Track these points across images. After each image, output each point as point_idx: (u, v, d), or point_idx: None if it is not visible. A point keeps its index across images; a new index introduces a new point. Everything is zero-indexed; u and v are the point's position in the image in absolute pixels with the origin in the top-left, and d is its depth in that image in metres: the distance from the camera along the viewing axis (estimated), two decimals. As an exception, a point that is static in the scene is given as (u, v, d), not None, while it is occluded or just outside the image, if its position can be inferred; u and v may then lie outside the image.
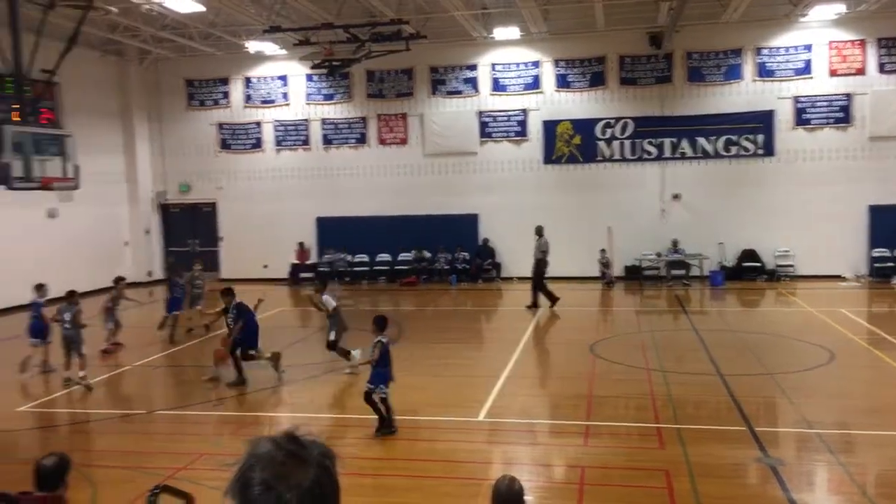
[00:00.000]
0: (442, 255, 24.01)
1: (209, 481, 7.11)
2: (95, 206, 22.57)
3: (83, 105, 22.32)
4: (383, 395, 9.22)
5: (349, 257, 24.31)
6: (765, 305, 20.16)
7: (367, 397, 9.28)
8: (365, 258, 24.51)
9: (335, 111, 24.87)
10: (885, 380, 11.73)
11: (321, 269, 24.15)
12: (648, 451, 8.80)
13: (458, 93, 24.10)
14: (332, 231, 24.62)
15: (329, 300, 12.61)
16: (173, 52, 24.29)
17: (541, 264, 18.76)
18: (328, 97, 24.86)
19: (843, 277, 21.72)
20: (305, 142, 25.03)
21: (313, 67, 21.91)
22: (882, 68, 21.63)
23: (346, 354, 12.50)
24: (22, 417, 10.80)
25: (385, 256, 24.43)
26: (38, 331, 12.99)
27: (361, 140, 24.76)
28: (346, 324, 12.85)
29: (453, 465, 8.40)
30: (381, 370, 9.30)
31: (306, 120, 24.96)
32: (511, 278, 23.50)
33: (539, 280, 18.68)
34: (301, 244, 24.78)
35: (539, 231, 19.02)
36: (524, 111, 23.75)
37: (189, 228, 26.07)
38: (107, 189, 23.48)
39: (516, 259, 23.23)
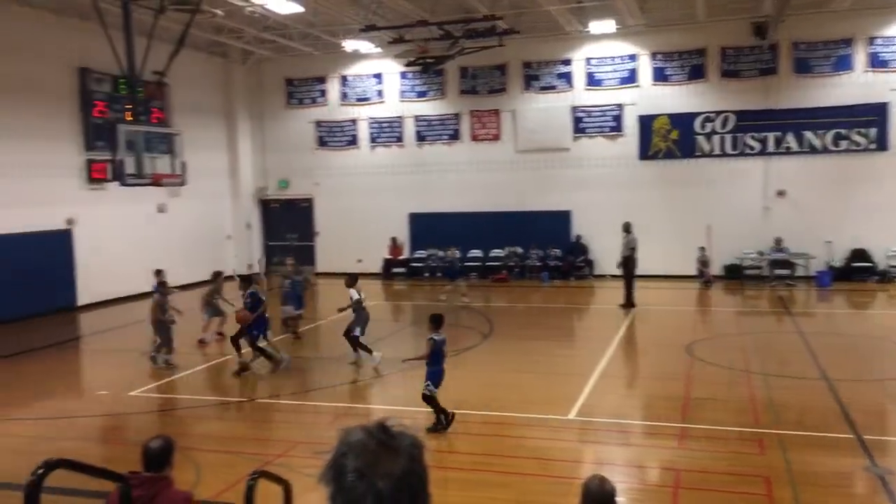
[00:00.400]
0: (534, 252, 23.87)
1: (305, 469, 7.32)
2: (200, 201, 23.58)
3: (190, 104, 23.35)
4: (428, 392, 9.24)
5: (457, 253, 24.11)
6: (876, 308, 19.10)
7: (425, 397, 9.33)
8: (456, 254, 24.57)
9: (428, 108, 25.08)
10: None
11: (413, 264, 24.46)
12: (748, 456, 8.50)
13: (551, 88, 23.87)
14: (425, 227, 24.86)
15: (353, 293, 12.82)
16: (274, 52, 25.07)
17: (629, 262, 18.36)
18: (422, 94, 25.10)
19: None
20: (399, 138, 25.36)
21: (408, 65, 22.17)
22: None
23: (365, 349, 12.81)
24: (133, 402, 11.41)
25: (476, 252, 24.48)
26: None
27: (454, 136, 24.89)
28: (369, 316, 13.14)
29: (543, 463, 8.34)
30: (432, 368, 9.34)
31: (400, 117, 25.28)
32: (604, 276, 23.12)
33: (630, 278, 18.28)
34: (394, 239, 25.13)
35: (627, 228, 18.62)
36: (619, 106, 23.30)
37: (287, 223, 26.89)
38: (211, 184, 24.49)
39: (610, 257, 22.66)
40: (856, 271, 21.17)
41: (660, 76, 22.90)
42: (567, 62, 23.67)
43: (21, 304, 17.58)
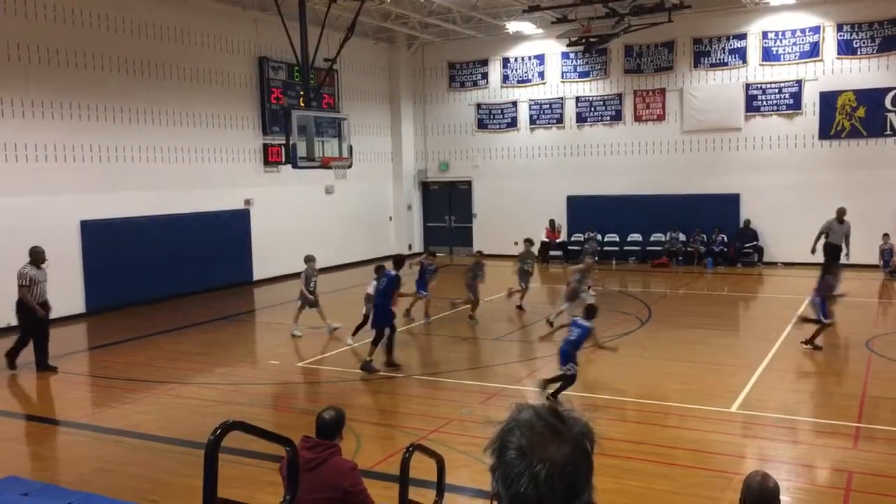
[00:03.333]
0: (698, 237, 22.91)
1: (459, 445, 7.51)
2: (365, 183, 24.57)
3: (357, 89, 24.34)
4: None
5: (598, 236, 23.95)
6: None
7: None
8: (615, 237, 24.11)
9: (590, 88, 24.61)
10: None
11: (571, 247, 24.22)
12: (932, 463, 7.78)
13: (723, 64, 22.67)
14: (583, 210, 24.50)
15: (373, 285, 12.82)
16: (437, 36, 25.54)
17: (837, 251, 17.15)
18: (584, 74, 24.66)
19: None
20: (559, 120, 25.09)
21: (570, 45, 21.84)
22: None
23: (355, 331, 13.17)
24: (301, 371, 12.17)
25: (636, 237, 23.84)
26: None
27: (617, 117, 24.29)
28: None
29: (703, 456, 8.06)
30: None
31: (561, 98, 24.99)
32: (775, 263, 21.81)
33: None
34: (551, 222, 24.96)
35: (841, 213, 17.78)
36: (799, 82, 21.76)
37: (446, 205, 27.42)
38: (375, 167, 25.46)
39: (782, 242, 21.51)
40: None
41: (846, 49, 21.14)
42: (741, 37, 22.38)
43: (205, 278, 19.16)
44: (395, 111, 26.77)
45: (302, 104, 17.09)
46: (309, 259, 14.69)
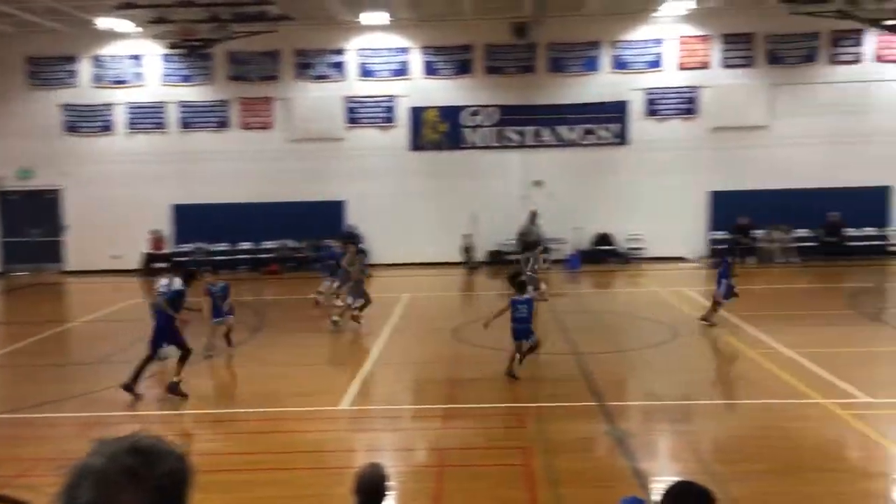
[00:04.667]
0: (309, 243, 23.63)
1: (48, 487, 6.69)
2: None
3: None
4: (531, 343, 10.97)
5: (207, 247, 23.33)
6: (617, 287, 21.21)
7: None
8: (225, 247, 23.67)
9: (194, 93, 23.84)
10: (721, 353, 12.65)
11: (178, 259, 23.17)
12: (508, 430, 9.09)
13: (324, 77, 23.72)
14: (191, 219, 23.63)
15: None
16: (14, 27, 22.45)
17: (533, 245, 19.25)
18: (186, 78, 23.79)
19: (686, 258, 23.18)
20: (161, 125, 23.87)
21: (171, 47, 20.93)
22: (725, 63, 23.13)
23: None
24: None
25: (247, 245, 23.72)
26: None
27: (223, 124, 23.90)
28: None
29: (319, 456, 8.33)
30: (516, 326, 10.87)
31: (163, 102, 23.80)
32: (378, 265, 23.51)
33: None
34: (156, 232, 23.64)
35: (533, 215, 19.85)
36: (391, 97, 23.72)
37: (29, 217, 24.22)
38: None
39: (385, 245, 23.19)
40: (601, 254, 23.32)
41: (430, 70, 23.62)
42: (340, 52, 23.64)
43: None
44: (-41, 109, 22.90)
45: None
46: None
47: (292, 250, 23.66)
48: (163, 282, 10.98)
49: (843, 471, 7.63)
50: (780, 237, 22.79)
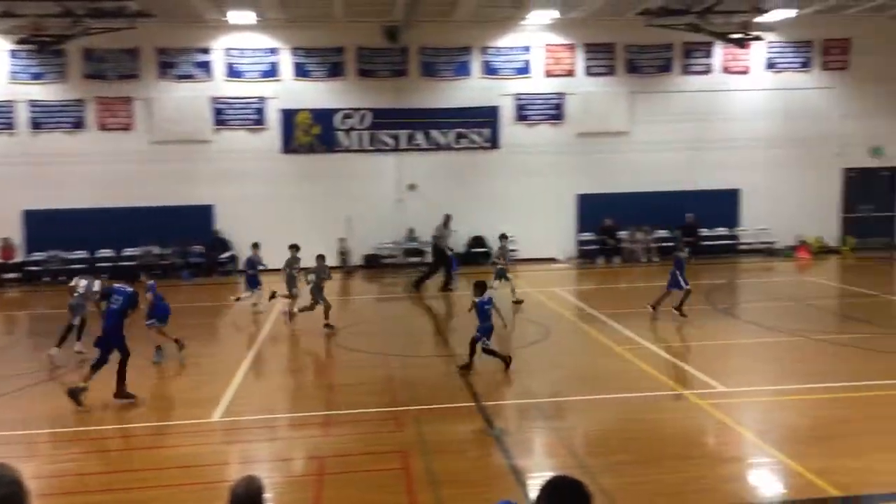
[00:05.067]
0: (174, 249, 22.66)
1: None
2: None
3: None
4: (485, 346, 11.28)
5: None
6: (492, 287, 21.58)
7: (472, 343, 11.38)
8: (84, 254, 22.28)
9: (46, 92, 22.33)
10: (591, 350, 13.16)
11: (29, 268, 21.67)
12: (387, 434, 9.05)
13: (189, 77, 22.83)
14: (44, 225, 22.11)
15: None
16: None
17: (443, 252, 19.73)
18: (37, 76, 22.25)
19: (556, 259, 23.99)
20: (9, 125, 22.22)
21: (19, 42, 19.54)
22: (588, 71, 24.12)
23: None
24: None
25: (107, 252, 22.42)
26: None
27: (78, 125, 22.52)
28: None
29: (192, 471, 7.97)
30: (484, 325, 11.36)
31: (11, 101, 22.16)
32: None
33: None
34: (5, 240, 21.99)
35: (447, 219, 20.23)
36: (261, 99, 23.15)
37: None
38: None
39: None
40: (475, 256, 23.72)
41: (301, 72, 23.24)
42: (206, 51, 22.84)
43: None
44: None
45: None
46: None
47: (157, 257, 22.61)
48: (82, 282, 11.41)
49: (704, 457, 8.12)
50: (643, 238, 24.03)
